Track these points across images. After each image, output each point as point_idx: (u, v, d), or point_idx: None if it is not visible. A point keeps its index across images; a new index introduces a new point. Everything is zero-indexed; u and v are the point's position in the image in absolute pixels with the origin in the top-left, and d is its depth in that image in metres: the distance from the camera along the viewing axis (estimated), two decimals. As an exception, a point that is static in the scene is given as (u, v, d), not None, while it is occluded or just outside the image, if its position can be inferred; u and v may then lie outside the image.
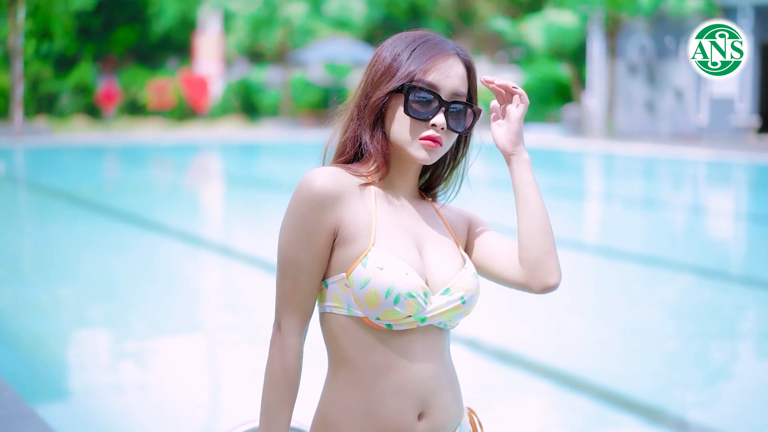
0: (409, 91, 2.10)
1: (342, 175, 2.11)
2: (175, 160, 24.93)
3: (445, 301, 2.10)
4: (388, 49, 2.17)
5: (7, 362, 6.78)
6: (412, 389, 2.07)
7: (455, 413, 2.18)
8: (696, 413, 5.94)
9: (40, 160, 23.71)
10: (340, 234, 2.08)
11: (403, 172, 2.20)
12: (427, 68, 2.11)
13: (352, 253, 2.06)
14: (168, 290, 9.29)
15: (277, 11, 34.86)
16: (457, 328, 2.16)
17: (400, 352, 2.07)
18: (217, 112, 35.76)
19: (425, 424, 2.10)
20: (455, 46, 2.18)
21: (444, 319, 2.11)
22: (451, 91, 2.14)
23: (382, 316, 2.03)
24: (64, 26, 33.29)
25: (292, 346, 2.12)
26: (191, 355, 7.14)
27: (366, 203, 2.11)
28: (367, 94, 2.15)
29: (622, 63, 32.18)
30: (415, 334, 2.08)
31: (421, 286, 2.05)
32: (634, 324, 8.07)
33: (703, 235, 13.69)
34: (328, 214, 2.07)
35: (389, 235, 2.09)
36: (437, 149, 2.13)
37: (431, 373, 2.10)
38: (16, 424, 4.75)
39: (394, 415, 2.06)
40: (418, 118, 2.10)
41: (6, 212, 14.86)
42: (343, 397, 2.09)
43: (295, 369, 2.12)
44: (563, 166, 24.76)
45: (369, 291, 2.02)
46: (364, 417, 2.07)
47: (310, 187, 2.06)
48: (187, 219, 14.26)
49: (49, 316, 8.15)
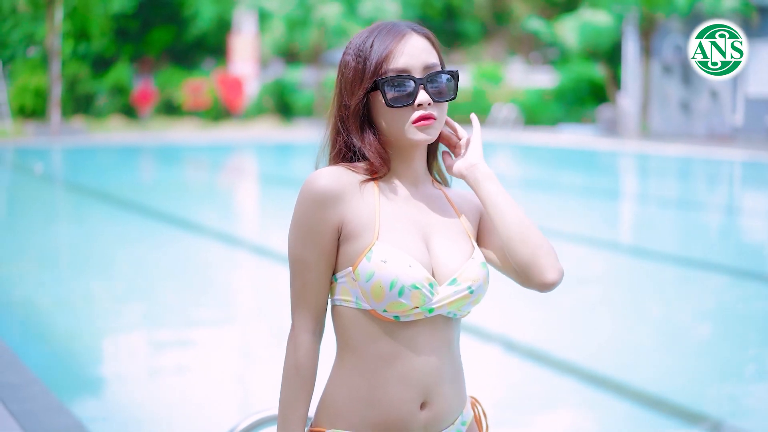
0: (382, 85, 2.11)
1: (343, 174, 2.14)
2: (210, 159, 25.10)
3: (452, 291, 2.12)
4: (350, 54, 2.18)
5: (42, 357, 6.89)
6: (417, 379, 2.11)
7: (458, 403, 2.21)
8: (730, 414, 5.92)
9: (77, 160, 23.94)
10: (344, 231, 2.12)
11: (407, 161, 2.21)
12: (390, 55, 2.12)
13: (357, 248, 2.10)
14: (202, 287, 9.39)
15: (311, 12, 34.99)
16: (490, 327, 2.21)
17: (406, 343, 2.11)
18: (251, 113, 35.95)
19: (427, 413, 2.14)
20: (408, 24, 2.19)
21: (452, 308, 2.13)
22: (422, 66, 2.15)
23: (389, 308, 2.07)
24: (101, 27, 33.58)
25: (304, 343, 2.16)
26: (224, 350, 7.22)
27: (369, 199, 2.14)
28: (345, 103, 2.17)
29: (657, 63, 32.00)
30: (422, 325, 2.12)
31: (425, 278, 2.08)
32: (668, 324, 8.07)
33: (738, 236, 13.62)
34: (330, 213, 2.11)
35: (393, 228, 2.12)
36: (433, 125, 2.14)
37: (436, 364, 2.13)
38: (46, 417, 4.83)
39: (397, 403, 2.11)
40: (401, 106, 2.12)
41: (44, 211, 15.03)
42: (348, 384, 2.14)
43: (306, 365, 2.16)
44: (598, 166, 24.70)
45: (374, 284, 2.06)
46: (368, 404, 2.12)
47: (311, 188, 2.12)
48: (222, 218, 14.39)
49: (84, 313, 8.26)
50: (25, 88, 32.61)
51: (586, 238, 12.56)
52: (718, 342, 7.58)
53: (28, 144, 26.58)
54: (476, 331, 7.51)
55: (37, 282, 9.54)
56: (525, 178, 21.64)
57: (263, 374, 6.58)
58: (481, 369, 6.74)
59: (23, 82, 32.79)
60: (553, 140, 29.94)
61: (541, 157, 26.47)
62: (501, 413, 5.82)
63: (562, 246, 12.02)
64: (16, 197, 16.93)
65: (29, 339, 7.39)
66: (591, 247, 11.99)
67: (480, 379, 6.53)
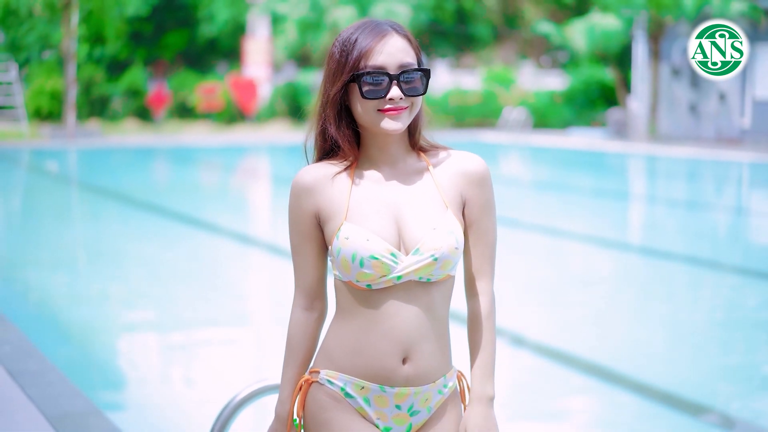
0: (359, 78, 2.37)
1: (320, 169, 2.49)
2: (223, 161, 25.21)
3: (415, 260, 2.39)
4: (336, 46, 2.43)
5: (58, 348, 7.06)
6: (397, 337, 2.41)
7: (440, 364, 2.49)
8: (739, 410, 5.95)
9: (92, 161, 24.03)
10: (320, 217, 2.47)
11: (383, 147, 2.48)
12: (370, 52, 2.37)
13: (331, 229, 2.44)
14: (215, 284, 9.54)
15: (324, 15, 35.15)
16: (503, 324, 2.50)
17: (383, 307, 2.41)
18: (264, 115, 36.13)
19: (409, 367, 2.43)
20: (391, 24, 2.43)
21: (421, 274, 2.41)
22: (397, 64, 2.38)
23: (359, 278, 2.40)
24: (116, 31, 33.77)
25: (294, 317, 2.57)
26: (238, 346, 7.37)
27: (342, 187, 2.46)
28: (327, 91, 2.44)
29: (665, 66, 32.06)
30: (395, 291, 2.41)
31: (385, 248, 2.37)
32: (677, 321, 8.14)
33: (747, 237, 13.70)
34: (305, 203, 2.49)
35: (361, 209, 2.42)
36: (401, 115, 2.40)
37: (415, 324, 2.42)
38: (63, 401, 5.05)
39: (381, 355, 2.42)
40: (374, 98, 2.37)
41: (60, 211, 15.20)
42: (342, 337, 2.46)
43: (295, 337, 2.56)
44: (607, 168, 24.75)
45: (341, 258, 2.40)
46: (356, 353, 2.44)
47: (293, 183, 2.52)
48: (235, 218, 14.49)
49: (99, 307, 8.43)
50: (41, 91, 32.83)
51: (596, 238, 12.70)
52: (727, 339, 7.61)
53: (44, 146, 26.74)
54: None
55: (54, 277, 9.71)
56: (535, 179, 21.79)
57: (276, 369, 6.76)
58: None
59: (39, 85, 33.01)
60: (563, 142, 30.05)
61: (550, 158, 26.53)
62: (511, 408, 5.92)
63: (573, 245, 12.22)
64: (34, 197, 17.09)
65: (46, 331, 7.56)
66: (601, 246, 12.12)
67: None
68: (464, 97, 35.88)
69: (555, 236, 12.62)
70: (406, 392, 2.45)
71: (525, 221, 14.01)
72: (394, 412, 2.46)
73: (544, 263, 10.86)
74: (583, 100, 35.92)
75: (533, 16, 41.61)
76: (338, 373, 2.46)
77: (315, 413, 2.48)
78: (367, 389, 2.44)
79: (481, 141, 31.51)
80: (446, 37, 42.82)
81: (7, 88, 30.24)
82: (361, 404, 2.46)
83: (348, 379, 2.45)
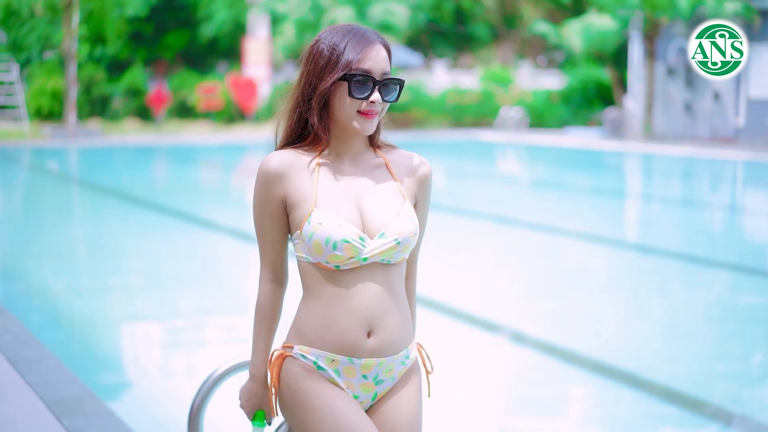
0: (350, 78, 2.64)
1: (289, 156, 2.74)
2: (223, 160, 25.21)
3: (381, 243, 2.67)
4: (324, 44, 2.69)
5: (58, 338, 7.21)
6: (361, 312, 2.68)
7: (403, 337, 2.77)
8: (736, 405, 6.01)
9: (93, 160, 24.00)
10: (288, 202, 2.71)
11: (348, 142, 2.76)
12: (361, 58, 2.65)
13: (301, 214, 2.68)
14: (215, 281, 9.66)
15: (323, 15, 35.29)
16: (502, 321, 2.74)
17: (349, 286, 2.68)
18: (264, 115, 36.25)
19: (374, 340, 2.70)
20: (377, 36, 2.71)
21: (384, 257, 2.69)
22: (381, 72, 2.69)
23: (329, 259, 2.65)
24: (116, 31, 33.88)
25: (262, 289, 2.83)
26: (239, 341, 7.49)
27: (310, 175, 2.71)
28: (311, 82, 2.71)
29: (661, 66, 32.19)
30: (360, 271, 2.68)
31: (355, 233, 2.64)
32: (672, 318, 8.22)
33: (742, 235, 13.79)
34: (275, 188, 2.71)
35: (328, 197, 2.68)
36: (373, 120, 2.70)
37: (377, 301, 2.69)
38: (60, 387, 5.23)
39: (347, 330, 2.68)
40: (359, 98, 2.65)
41: (62, 209, 15.30)
42: (310, 314, 2.72)
43: (265, 305, 2.83)
44: (602, 166, 24.84)
45: (314, 242, 2.64)
46: (326, 329, 2.69)
47: (261, 168, 2.73)
48: (234, 215, 14.54)
49: (98, 300, 8.55)
50: (42, 91, 32.94)
51: (592, 236, 12.82)
52: (724, 335, 7.69)
53: (45, 145, 26.80)
54: (486, 323, 7.79)
55: (55, 273, 9.85)
56: (532, 178, 21.94)
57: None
58: (491, 360, 7.00)
59: (40, 85, 33.11)
60: (559, 141, 30.18)
61: (547, 157, 26.62)
62: (512, 403, 6.09)
63: (569, 243, 12.36)
64: (35, 195, 17.19)
65: (46, 323, 7.70)
66: (597, 244, 12.25)
67: (491, 370, 6.78)
68: (462, 96, 36.03)
69: (551, 234, 12.74)
70: (372, 363, 2.70)
71: (522, 219, 14.17)
72: (361, 381, 2.72)
73: (541, 261, 10.99)
74: (580, 100, 36.08)
75: (531, 17, 41.77)
76: (311, 348, 2.71)
77: (290, 383, 2.73)
78: (336, 362, 2.69)
79: (478, 140, 31.65)
80: (445, 36, 42.99)
81: (9, 87, 30.36)
82: (332, 375, 2.71)
83: (320, 353, 2.70)
